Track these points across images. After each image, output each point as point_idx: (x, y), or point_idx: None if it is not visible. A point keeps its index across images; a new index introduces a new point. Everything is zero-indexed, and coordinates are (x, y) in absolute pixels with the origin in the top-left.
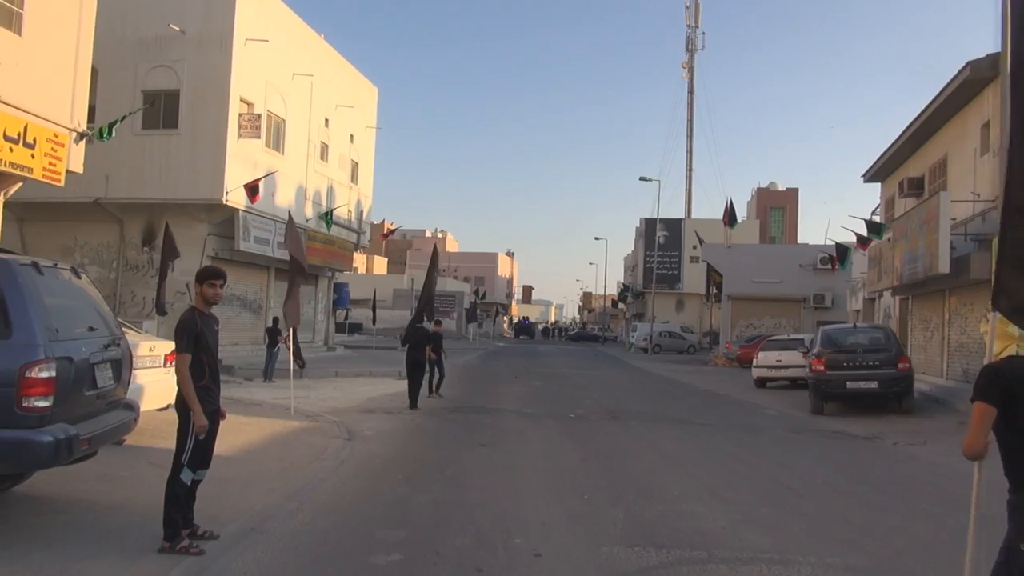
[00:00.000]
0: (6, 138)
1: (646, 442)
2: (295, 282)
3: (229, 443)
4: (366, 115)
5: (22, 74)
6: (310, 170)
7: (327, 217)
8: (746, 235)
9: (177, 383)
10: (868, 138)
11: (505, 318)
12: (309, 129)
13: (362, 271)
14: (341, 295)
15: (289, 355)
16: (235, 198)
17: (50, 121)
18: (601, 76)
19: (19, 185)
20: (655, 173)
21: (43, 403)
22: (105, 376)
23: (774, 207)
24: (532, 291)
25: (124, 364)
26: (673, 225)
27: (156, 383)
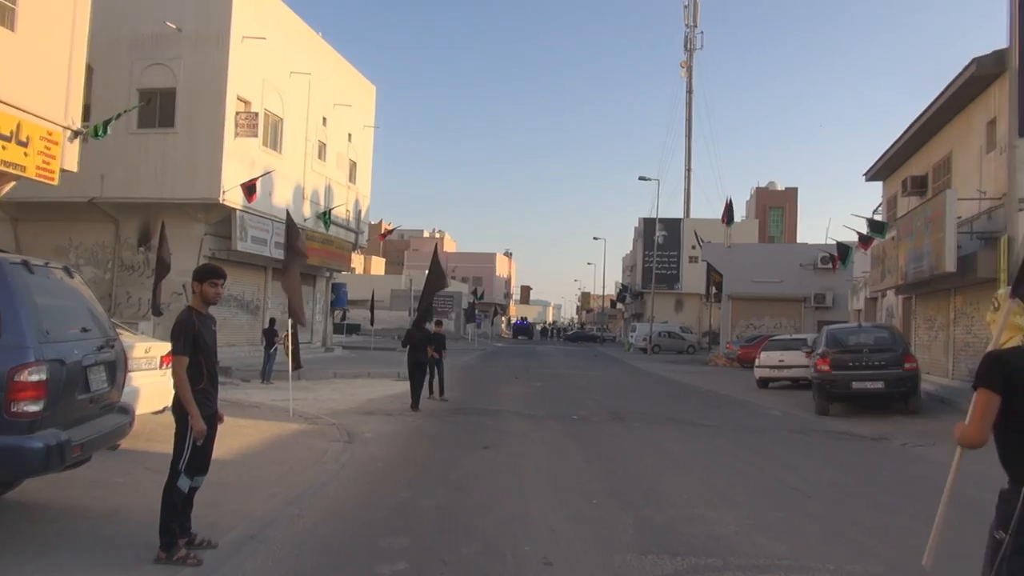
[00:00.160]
0: None
1: (650, 444)
2: (296, 279)
3: (227, 446)
4: (364, 114)
5: (15, 71)
6: (308, 169)
7: (325, 217)
8: (745, 235)
9: (174, 386)
10: (867, 138)
11: (503, 318)
12: (307, 128)
13: (360, 271)
14: (339, 295)
15: (288, 356)
16: (232, 198)
17: (44, 119)
18: (600, 76)
19: (12, 184)
20: (654, 173)
21: (33, 408)
22: (99, 379)
23: (773, 207)
24: (530, 291)
25: (118, 366)
26: (672, 225)
27: (152, 385)
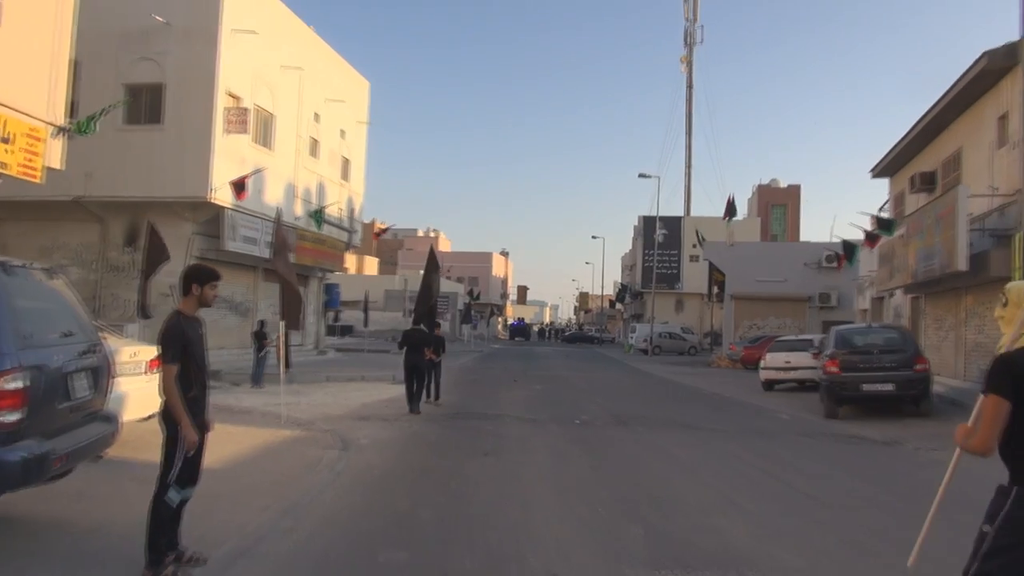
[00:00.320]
0: None
1: (656, 448)
2: (294, 286)
3: (217, 454)
4: (357, 110)
5: None
6: (300, 166)
7: (318, 215)
8: (747, 233)
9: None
10: (870, 135)
11: (500, 319)
12: (298, 124)
13: (353, 271)
14: (332, 296)
15: (279, 359)
16: (221, 196)
17: (27, 115)
18: (599, 74)
19: None
20: (653, 171)
21: (12, 417)
22: (81, 386)
23: (775, 204)
24: (527, 291)
25: (102, 372)
26: (672, 223)
27: (138, 391)
